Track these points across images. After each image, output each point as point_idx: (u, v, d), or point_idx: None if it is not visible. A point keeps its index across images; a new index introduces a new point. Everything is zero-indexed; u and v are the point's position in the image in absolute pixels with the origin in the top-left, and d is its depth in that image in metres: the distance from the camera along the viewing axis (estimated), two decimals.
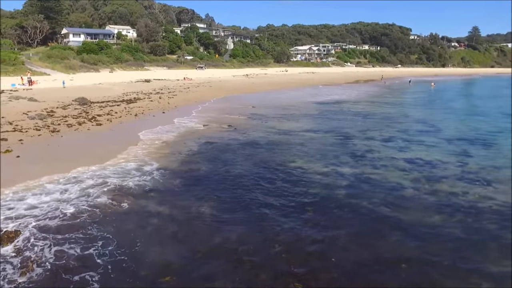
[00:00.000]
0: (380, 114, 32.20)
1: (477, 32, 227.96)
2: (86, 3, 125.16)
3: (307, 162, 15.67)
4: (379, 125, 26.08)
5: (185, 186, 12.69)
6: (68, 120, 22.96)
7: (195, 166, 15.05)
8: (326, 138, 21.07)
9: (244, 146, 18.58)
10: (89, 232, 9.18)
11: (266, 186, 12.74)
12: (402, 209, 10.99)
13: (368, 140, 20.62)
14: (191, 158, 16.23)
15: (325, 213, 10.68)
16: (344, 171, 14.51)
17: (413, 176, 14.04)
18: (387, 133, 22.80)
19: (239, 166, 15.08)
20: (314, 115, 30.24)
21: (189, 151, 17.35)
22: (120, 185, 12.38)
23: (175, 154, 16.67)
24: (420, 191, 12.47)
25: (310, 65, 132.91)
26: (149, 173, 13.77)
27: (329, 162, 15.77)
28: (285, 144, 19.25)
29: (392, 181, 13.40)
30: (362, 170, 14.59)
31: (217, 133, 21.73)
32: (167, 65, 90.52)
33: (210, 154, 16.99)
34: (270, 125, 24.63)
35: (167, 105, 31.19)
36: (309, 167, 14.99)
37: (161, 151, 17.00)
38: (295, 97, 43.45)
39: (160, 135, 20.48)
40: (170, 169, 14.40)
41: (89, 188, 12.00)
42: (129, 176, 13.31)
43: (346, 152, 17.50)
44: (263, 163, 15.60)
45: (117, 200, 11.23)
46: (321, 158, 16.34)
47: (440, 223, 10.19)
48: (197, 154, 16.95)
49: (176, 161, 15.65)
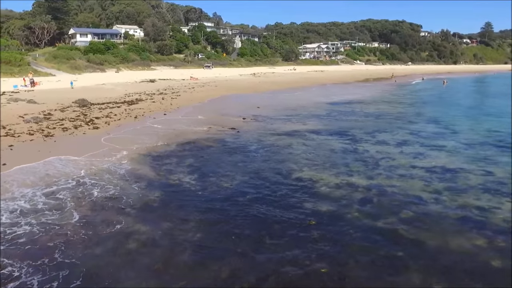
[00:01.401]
0: (391, 114, 30.69)
1: (489, 28, 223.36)
2: (94, 3, 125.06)
3: (315, 171, 14.27)
4: (391, 126, 24.63)
5: (167, 202, 11.28)
6: (65, 124, 21.96)
7: (182, 177, 13.58)
8: (335, 142, 19.64)
9: (245, 152, 17.26)
10: (54, 257, 8.07)
11: (267, 202, 11.31)
12: (425, 230, 9.56)
13: (380, 144, 19.18)
14: (178, 168, 14.75)
15: (336, 240, 9.05)
16: (356, 182, 13.10)
17: (433, 187, 12.60)
18: (400, 136, 21.35)
19: (237, 177, 13.59)
20: (322, 116, 28.85)
21: (179, 159, 15.98)
22: (104, 196, 11.28)
23: (164, 162, 15.43)
24: (443, 207, 11.05)
25: (318, 63, 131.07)
26: (124, 181, 12.63)
27: (339, 171, 14.39)
28: (291, 149, 17.86)
29: (411, 194, 11.98)
30: (376, 181, 13.17)
31: (218, 136, 20.49)
32: (174, 65, 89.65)
33: (205, 161, 15.66)
34: (275, 128, 23.33)
35: (169, 106, 30.08)
36: (318, 177, 13.58)
37: (145, 158, 15.86)
38: (302, 97, 41.97)
39: (152, 139, 19.34)
40: (151, 180, 13.08)
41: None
42: (108, 183, 12.18)
43: (358, 159, 16.09)
44: (265, 172, 14.21)
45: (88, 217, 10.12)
46: (331, 166, 14.97)
47: (471, 249, 8.72)
48: (188, 162, 15.50)
49: (162, 170, 14.33)
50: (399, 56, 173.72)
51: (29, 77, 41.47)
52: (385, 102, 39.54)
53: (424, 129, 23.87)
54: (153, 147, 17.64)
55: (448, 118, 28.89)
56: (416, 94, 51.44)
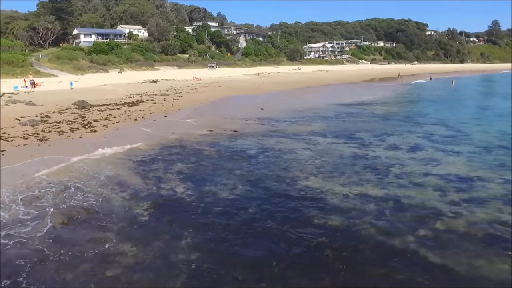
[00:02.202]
0: (400, 115, 29.69)
1: (497, 26, 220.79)
2: (98, 3, 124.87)
3: (322, 180, 13.29)
4: (401, 129, 23.63)
5: (157, 215, 10.32)
6: (61, 127, 21.20)
7: (175, 186, 12.56)
8: (343, 146, 18.64)
9: (247, 157, 16.35)
10: (17, 281, 7.20)
11: (270, 216, 10.36)
12: (446, 251, 8.57)
13: (390, 149, 18.19)
14: (172, 175, 13.79)
15: (350, 263, 8.08)
16: (367, 192, 12.15)
17: (451, 198, 11.63)
18: (411, 140, 20.35)
19: (237, 187, 12.61)
20: (328, 117, 27.88)
21: (173, 165, 15.06)
22: (85, 207, 10.43)
23: (157, 168, 14.56)
24: (464, 222, 10.08)
25: (324, 62, 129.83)
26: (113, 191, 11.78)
27: (348, 179, 13.42)
28: (296, 154, 16.88)
29: (427, 206, 11.02)
30: (388, 191, 12.20)
31: (218, 140, 19.62)
32: (177, 65, 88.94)
33: (202, 168, 14.74)
34: (279, 130, 22.41)
35: (170, 108, 29.26)
36: (326, 187, 12.61)
37: (138, 163, 15.03)
38: (308, 98, 40.90)
39: (148, 143, 18.51)
40: (140, 189, 12.16)
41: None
42: (91, 191, 11.35)
43: (367, 165, 15.13)
44: (268, 181, 13.25)
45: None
46: (339, 174, 14.00)
47: (500, 274, 7.74)
48: (183, 169, 14.57)
49: (153, 177, 13.40)
50: (405, 55, 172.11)
51: (29, 78, 40.79)
52: (393, 103, 38.47)
53: (435, 132, 22.85)
54: (147, 152, 16.83)
55: (459, 120, 27.85)
56: (424, 94, 50.20)
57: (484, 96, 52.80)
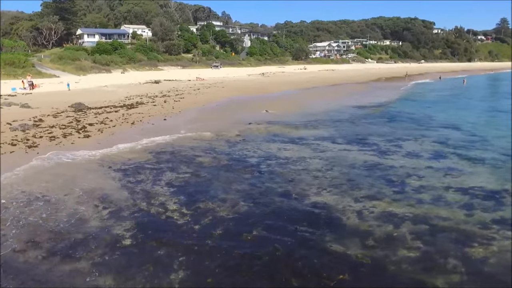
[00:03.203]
0: (411, 118, 28.18)
1: (505, 24, 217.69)
2: (102, 3, 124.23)
3: (335, 195, 11.88)
4: (414, 133, 22.19)
5: (142, 239, 8.96)
6: (54, 132, 20.06)
7: (166, 201, 11.24)
8: (354, 153, 17.25)
9: (249, 167, 14.98)
10: None
11: (279, 242, 8.95)
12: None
13: (405, 156, 16.78)
14: (163, 188, 12.43)
15: None
16: (384, 210, 10.77)
17: (478, 218, 10.22)
18: (426, 145, 18.91)
19: (237, 203, 11.24)
20: (337, 120, 26.48)
21: (165, 175, 13.77)
22: (53, 228, 9.18)
23: (146, 178, 13.33)
24: (496, 248, 8.72)
25: (329, 62, 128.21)
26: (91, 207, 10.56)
27: (363, 194, 12.00)
28: (304, 164, 15.47)
29: (454, 228, 9.63)
30: (407, 210, 10.79)
31: (219, 146, 18.34)
32: (181, 65, 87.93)
33: (199, 179, 13.41)
34: (284, 135, 21.08)
35: (171, 110, 28.03)
36: (339, 204, 11.19)
37: (124, 175, 13.80)
38: (314, 99, 39.43)
39: (141, 150, 17.30)
40: (124, 206, 10.89)
41: None
42: (64, 205, 10.13)
43: (381, 177, 13.76)
44: (273, 196, 11.87)
45: None
46: (352, 188, 12.60)
47: None
48: (177, 180, 13.26)
49: (140, 191, 12.08)
50: (411, 54, 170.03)
51: (27, 79, 39.79)
52: (403, 104, 36.97)
53: (450, 136, 21.39)
54: (137, 159, 15.55)
55: (474, 122, 26.33)
56: (435, 95, 48.54)
57: (497, 96, 51.01)
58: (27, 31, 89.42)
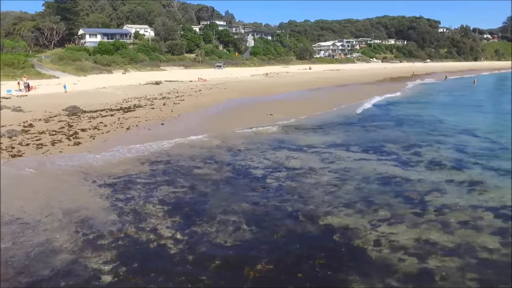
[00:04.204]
0: (423, 122, 26.59)
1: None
2: (105, 3, 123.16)
3: (349, 217, 10.40)
4: (428, 139, 20.63)
5: (127, 276, 7.65)
6: (43, 138, 18.75)
7: (156, 224, 9.85)
8: (368, 163, 15.72)
9: (252, 181, 13.51)
10: None
11: (289, 278, 7.63)
12: None
13: (423, 168, 15.20)
14: (152, 207, 11.00)
15: None
16: (406, 236, 9.34)
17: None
18: (443, 153, 17.36)
19: (239, 226, 9.83)
20: (347, 124, 24.93)
21: (157, 190, 12.38)
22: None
23: (133, 194, 11.96)
24: None
25: (334, 61, 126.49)
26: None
27: (381, 216, 10.52)
28: (313, 177, 13.88)
29: (489, 261, 8.27)
30: (433, 237, 9.31)
31: (218, 154, 16.91)
32: (184, 65, 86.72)
33: (195, 196, 12.00)
34: (290, 141, 19.56)
35: (169, 114, 26.63)
36: (355, 227, 9.76)
37: (114, 190, 12.41)
38: (321, 100, 37.68)
39: (131, 160, 15.95)
40: (105, 234, 9.43)
41: None
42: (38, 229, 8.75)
43: (399, 193, 12.22)
44: (279, 218, 10.41)
45: None
46: (368, 207, 11.11)
47: None
48: (170, 197, 11.86)
49: (127, 210, 10.74)
50: (416, 53, 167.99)
51: (23, 81, 38.56)
52: (414, 107, 35.33)
53: (468, 143, 19.82)
54: (127, 172, 14.11)
55: (490, 127, 24.72)
56: (446, 96, 46.79)
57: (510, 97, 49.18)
58: (28, 31, 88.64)
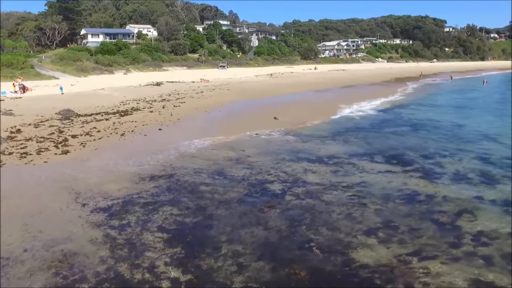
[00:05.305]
0: (440, 127, 24.90)
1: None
2: (108, 3, 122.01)
3: (377, 251, 8.79)
4: (448, 147, 18.93)
5: None
6: (29, 146, 17.29)
7: (155, 264, 8.32)
8: (387, 178, 14.08)
9: (266, 200, 11.85)
10: None
11: None
12: None
13: (448, 181, 13.66)
14: (152, 237, 9.48)
15: None
16: (440, 275, 7.78)
17: None
18: (467, 164, 15.71)
19: (242, 264, 8.25)
20: (362, 130, 23.34)
21: (155, 215, 10.80)
22: None
23: (128, 223, 10.43)
24: None
25: (339, 61, 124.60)
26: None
27: (406, 247, 8.97)
28: (327, 197, 12.16)
29: None
30: (476, 279, 7.73)
31: (217, 165, 15.37)
32: (187, 65, 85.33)
33: (200, 221, 10.42)
34: (298, 150, 17.94)
35: (168, 118, 25.08)
36: (386, 265, 8.23)
37: (108, 217, 10.89)
38: (329, 102, 35.77)
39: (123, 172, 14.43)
40: (93, 275, 8.04)
41: None
42: None
43: (426, 216, 10.59)
44: (303, 253, 8.79)
45: None
46: (394, 236, 9.51)
47: None
48: (161, 220, 10.38)
49: (121, 246, 9.21)
50: (422, 53, 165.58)
51: (18, 82, 37.23)
52: (430, 109, 33.68)
53: (491, 151, 18.06)
54: (121, 191, 12.45)
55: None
56: (458, 97, 44.92)
57: None
58: (30, 31, 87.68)
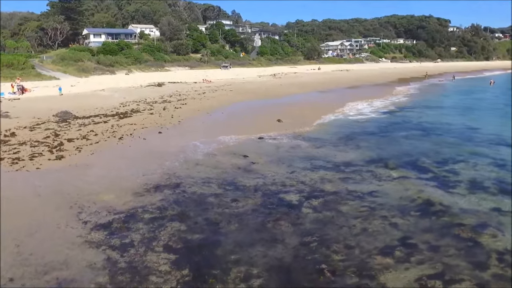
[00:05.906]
0: (451, 130, 24.06)
1: None
2: (110, 3, 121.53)
3: (392, 271, 8.03)
4: (461, 151, 18.00)
5: None
6: (21, 151, 16.50)
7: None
8: (401, 187, 13.15)
9: (280, 213, 10.97)
10: None
11: None
12: None
13: (463, 191, 12.77)
14: (158, 259, 8.58)
15: None
16: None
17: None
18: (483, 172, 14.79)
19: None
20: (372, 134, 22.46)
21: (160, 232, 9.91)
22: None
23: (131, 242, 9.59)
24: None
25: (342, 61, 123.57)
26: None
27: (426, 269, 8.11)
28: (340, 213, 11.18)
29: None
30: None
31: (218, 173, 14.47)
32: (189, 65, 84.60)
33: (210, 238, 9.55)
34: (304, 156, 17.01)
35: (169, 120, 24.26)
36: (405, 285, 7.49)
37: (109, 235, 10.07)
38: (334, 104, 34.53)
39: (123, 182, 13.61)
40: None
41: None
42: None
43: (444, 232, 9.72)
44: (314, 273, 8.01)
45: None
46: (410, 254, 8.70)
47: None
48: (180, 242, 9.51)
49: (123, 271, 8.24)
50: (426, 52, 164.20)
51: (16, 83, 36.55)
52: (439, 111, 32.75)
53: (506, 156, 17.19)
54: (120, 205, 11.47)
55: None
56: (466, 98, 43.85)
57: None
58: (32, 31, 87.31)
